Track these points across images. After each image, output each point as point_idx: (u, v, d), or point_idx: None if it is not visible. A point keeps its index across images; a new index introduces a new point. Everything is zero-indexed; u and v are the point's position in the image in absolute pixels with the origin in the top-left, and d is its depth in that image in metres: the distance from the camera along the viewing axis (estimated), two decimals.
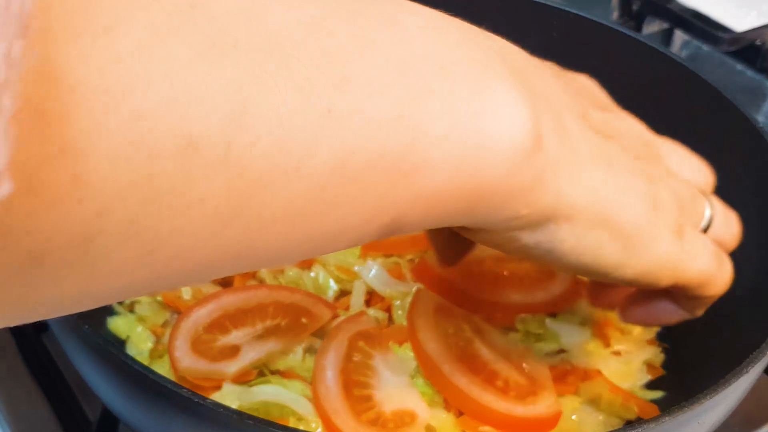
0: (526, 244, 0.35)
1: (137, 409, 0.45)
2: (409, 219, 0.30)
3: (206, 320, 0.54)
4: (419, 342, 0.53)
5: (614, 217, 0.36)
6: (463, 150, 0.29)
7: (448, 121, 0.28)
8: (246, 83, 0.23)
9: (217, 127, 0.22)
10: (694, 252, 0.40)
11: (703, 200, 0.43)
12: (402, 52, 0.28)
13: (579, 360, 0.57)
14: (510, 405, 0.50)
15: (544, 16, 0.71)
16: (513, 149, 0.31)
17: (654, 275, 0.39)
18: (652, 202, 0.38)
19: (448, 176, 0.29)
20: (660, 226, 0.38)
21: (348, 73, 0.26)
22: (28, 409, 0.57)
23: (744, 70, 0.92)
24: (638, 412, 0.54)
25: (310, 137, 0.24)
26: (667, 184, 0.40)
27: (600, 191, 0.35)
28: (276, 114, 0.23)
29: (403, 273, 0.60)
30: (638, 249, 0.38)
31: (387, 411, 0.50)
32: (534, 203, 0.33)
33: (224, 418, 0.40)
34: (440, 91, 0.28)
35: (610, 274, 0.38)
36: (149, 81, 0.21)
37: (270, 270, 0.59)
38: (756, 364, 0.45)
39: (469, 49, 0.31)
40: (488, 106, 0.30)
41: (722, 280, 0.43)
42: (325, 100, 0.25)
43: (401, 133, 0.27)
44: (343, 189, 0.26)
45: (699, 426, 0.46)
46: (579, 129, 0.35)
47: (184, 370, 0.51)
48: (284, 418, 0.50)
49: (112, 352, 0.42)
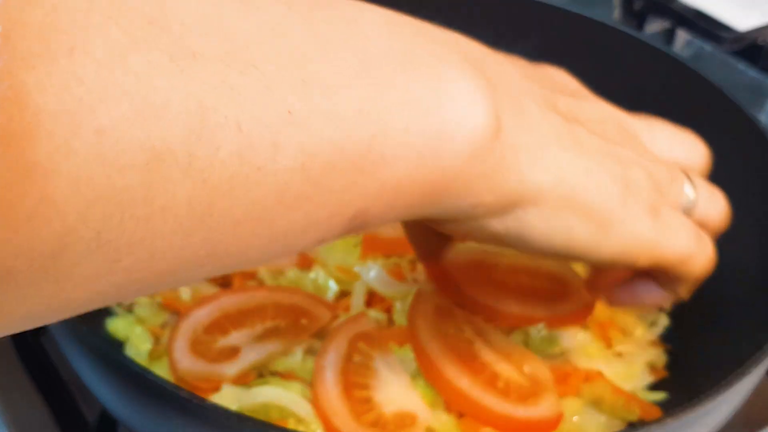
0: (496, 232, 0.36)
1: (136, 411, 0.45)
2: (374, 212, 0.30)
3: (205, 321, 0.54)
4: (420, 343, 0.53)
5: (582, 199, 0.36)
6: (424, 141, 0.30)
7: (408, 113, 0.29)
8: (205, 94, 0.23)
9: (179, 139, 0.23)
10: (671, 232, 0.40)
11: (683, 180, 0.43)
12: (359, 50, 0.28)
13: (581, 361, 0.57)
14: (511, 406, 0.50)
15: (545, 16, 0.71)
16: (472, 137, 0.31)
17: (631, 255, 0.39)
18: (623, 183, 0.38)
19: (410, 168, 0.30)
20: (633, 206, 0.38)
21: (306, 76, 0.26)
22: (27, 410, 0.57)
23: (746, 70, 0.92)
24: (640, 414, 0.53)
25: (271, 141, 0.25)
26: (641, 164, 0.40)
27: (565, 173, 0.36)
28: (236, 122, 0.24)
29: (403, 274, 0.60)
30: (611, 229, 0.38)
31: (387, 412, 0.50)
32: (497, 189, 0.33)
33: (223, 420, 0.40)
34: (398, 84, 0.29)
35: (587, 256, 0.38)
36: (110, 99, 0.21)
37: (270, 271, 0.59)
38: (759, 366, 0.45)
39: (425, 43, 0.31)
40: (446, 96, 0.30)
41: (702, 260, 0.43)
42: (284, 104, 0.25)
43: (362, 128, 0.28)
44: (306, 188, 0.27)
45: (702, 428, 0.45)
46: (540, 113, 0.36)
47: (183, 371, 0.51)
48: (284, 419, 0.50)
49: (110, 353, 0.42)
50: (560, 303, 0.58)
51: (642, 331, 0.61)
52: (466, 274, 0.58)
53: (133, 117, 0.22)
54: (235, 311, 0.55)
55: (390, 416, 0.50)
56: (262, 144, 0.25)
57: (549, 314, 0.58)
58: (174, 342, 0.53)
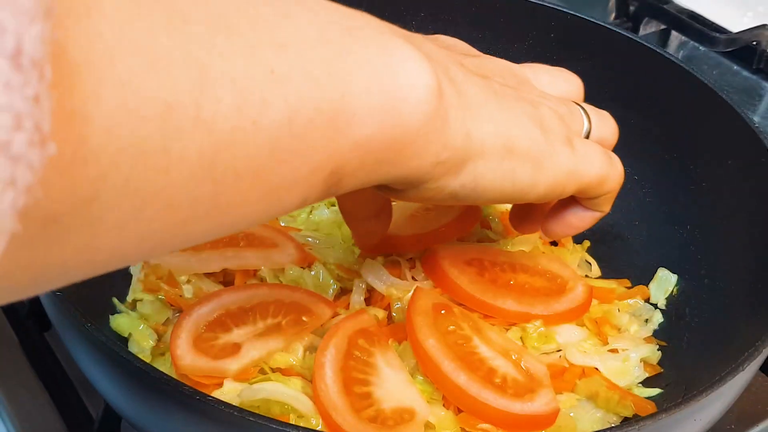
0: (453, 190, 0.40)
1: (139, 406, 0.45)
2: (347, 170, 0.34)
3: (208, 318, 0.55)
4: (418, 340, 0.53)
5: (517, 144, 0.41)
6: (384, 101, 0.34)
7: (367, 76, 0.33)
8: (201, 52, 0.26)
9: (186, 92, 0.26)
10: (587, 157, 0.45)
11: (578, 110, 0.48)
12: (315, 21, 0.32)
13: (576, 358, 0.58)
14: (508, 402, 0.51)
15: (543, 17, 0.72)
16: (423, 96, 0.35)
17: (561, 185, 0.44)
18: (540, 123, 0.43)
19: (375, 126, 0.33)
20: (553, 141, 0.43)
21: (282, 39, 0.30)
22: (32, 406, 0.57)
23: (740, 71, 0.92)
24: (635, 409, 0.54)
25: (261, 97, 0.28)
26: (544, 104, 0.45)
27: (499, 125, 0.40)
28: (230, 78, 0.27)
29: (402, 272, 0.60)
30: (543, 166, 0.43)
31: (386, 408, 0.50)
32: (450, 146, 0.38)
33: (225, 415, 0.40)
34: (355, 50, 0.33)
35: (527, 195, 0.43)
36: (126, 54, 0.24)
37: (271, 269, 0.60)
38: (752, 362, 0.45)
39: (363, 18, 0.35)
40: (395, 61, 0.35)
41: (616, 174, 0.47)
42: (267, 63, 0.29)
43: (333, 88, 0.31)
44: (292, 143, 0.30)
45: (695, 423, 0.46)
46: (465, 77, 0.40)
47: (185, 367, 0.52)
48: (285, 415, 0.50)
49: (114, 349, 0.42)
50: (557, 300, 0.59)
51: (636, 328, 0.62)
52: (465, 272, 0.59)
53: (147, 72, 0.24)
54: (237, 308, 0.56)
55: (389, 412, 0.50)
56: (253, 99, 0.28)
57: (545, 311, 0.58)
58: (176, 339, 0.53)
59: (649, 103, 0.67)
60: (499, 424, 0.51)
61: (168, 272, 0.58)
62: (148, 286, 0.58)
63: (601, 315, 0.61)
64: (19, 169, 0.20)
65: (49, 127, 0.21)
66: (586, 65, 0.70)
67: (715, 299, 0.60)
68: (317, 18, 0.32)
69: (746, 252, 0.59)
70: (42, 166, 0.21)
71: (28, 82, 0.20)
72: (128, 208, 0.25)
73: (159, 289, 0.58)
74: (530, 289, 0.59)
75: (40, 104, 0.20)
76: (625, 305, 0.63)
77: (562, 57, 0.70)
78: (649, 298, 0.64)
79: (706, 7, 0.96)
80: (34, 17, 0.20)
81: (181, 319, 0.55)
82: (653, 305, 0.64)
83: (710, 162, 0.62)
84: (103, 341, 0.43)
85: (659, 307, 0.64)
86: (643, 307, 0.63)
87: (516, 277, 0.60)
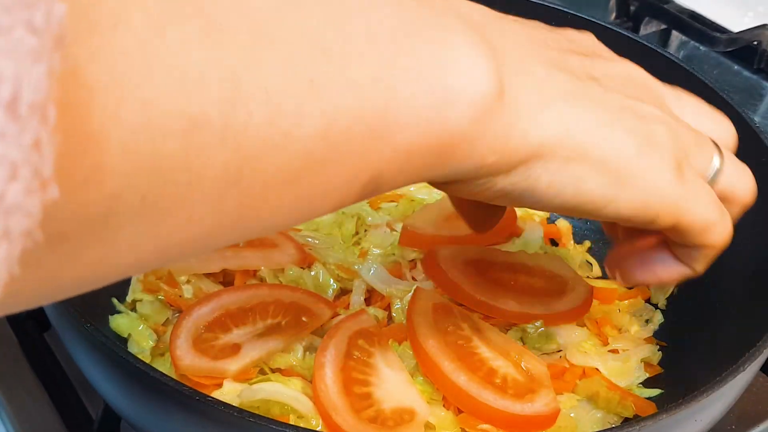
0: (502, 188, 0.36)
1: (139, 407, 0.45)
2: (386, 176, 0.32)
3: (207, 319, 0.55)
4: (418, 340, 0.53)
5: (592, 151, 0.37)
6: (430, 106, 0.31)
7: (415, 80, 0.31)
8: (235, 65, 0.25)
9: (215, 107, 0.24)
10: (696, 194, 0.40)
11: (712, 147, 0.42)
12: (366, 20, 0.30)
13: (577, 358, 0.58)
14: (508, 403, 0.51)
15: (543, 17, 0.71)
16: (474, 101, 0.33)
17: (653, 210, 0.39)
18: (644, 137, 0.38)
19: (419, 132, 0.31)
20: (655, 159, 0.38)
21: (325, 45, 0.28)
22: (31, 406, 0.57)
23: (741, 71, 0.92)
24: (636, 410, 0.54)
25: (296, 108, 0.27)
26: (665, 122, 0.40)
27: (571, 126, 0.36)
28: (264, 90, 0.26)
29: (403, 272, 0.60)
30: (630, 182, 0.38)
31: (386, 409, 0.50)
32: (500, 149, 0.34)
33: (225, 416, 0.40)
34: (405, 53, 0.30)
35: (602, 210, 0.38)
36: (152, 71, 0.23)
37: (270, 269, 0.60)
38: (752, 362, 0.45)
39: (427, 11, 0.33)
40: (449, 62, 0.32)
41: (724, 231, 0.42)
42: (306, 72, 0.27)
43: (376, 96, 0.29)
44: (327, 153, 0.28)
45: (696, 423, 0.46)
46: (546, 72, 0.37)
47: (185, 368, 0.52)
48: (284, 415, 0.50)
49: (114, 350, 0.42)
50: (557, 301, 0.59)
51: (637, 328, 0.62)
52: (465, 273, 0.59)
53: (174, 88, 0.23)
54: (237, 309, 0.56)
55: (389, 412, 0.50)
56: (288, 111, 0.26)
57: (546, 312, 0.58)
58: (176, 339, 0.53)
59: None
60: (499, 425, 0.51)
61: (167, 272, 0.58)
62: (147, 286, 0.58)
63: (601, 315, 0.61)
64: (14, 219, 0.19)
65: (51, 170, 0.20)
66: None
67: (715, 299, 0.60)
68: (373, 17, 0.30)
69: (746, 252, 0.59)
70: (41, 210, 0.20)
71: (25, 130, 0.19)
72: (145, 223, 0.25)
73: (158, 290, 0.58)
74: (530, 290, 0.59)
75: (40, 149, 0.20)
76: (626, 305, 0.63)
77: None
78: (649, 299, 0.64)
79: (707, 6, 0.96)
80: (38, 57, 0.19)
81: (180, 319, 0.55)
82: (654, 305, 0.64)
83: None
84: (103, 341, 0.43)
85: (659, 308, 0.63)
86: (644, 307, 0.63)
87: (516, 277, 0.60)
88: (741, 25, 0.94)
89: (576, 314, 0.59)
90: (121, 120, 0.22)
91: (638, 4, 0.97)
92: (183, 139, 0.24)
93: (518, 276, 0.60)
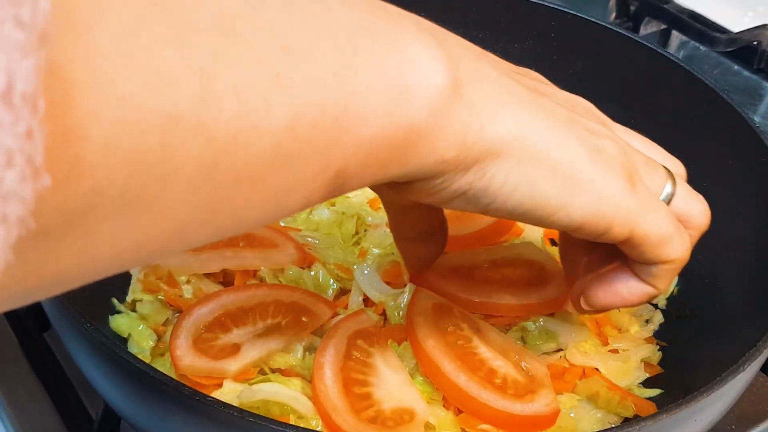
0: (459, 187, 0.37)
1: (139, 407, 0.45)
2: (352, 170, 0.33)
3: (207, 319, 0.55)
4: (418, 340, 0.53)
5: (547, 153, 0.38)
6: (389, 100, 0.33)
7: (373, 75, 0.32)
8: (205, 62, 0.26)
9: (188, 103, 0.25)
10: (649, 206, 0.41)
11: (663, 171, 0.43)
12: (328, 21, 0.31)
13: (577, 358, 0.58)
14: (508, 403, 0.51)
15: (543, 17, 0.72)
16: (430, 95, 0.34)
17: (606, 219, 0.39)
18: (593, 148, 0.39)
19: (380, 125, 0.33)
20: (605, 168, 0.39)
21: (288, 42, 0.29)
22: (31, 406, 0.57)
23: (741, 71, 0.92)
24: (636, 410, 0.54)
25: (264, 102, 0.28)
26: (614, 140, 0.41)
27: (526, 127, 0.37)
28: (233, 86, 0.27)
29: (401, 272, 0.60)
30: (582, 187, 0.38)
31: (386, 409, 0.50)
32: (459, 143, 0.36)
33: (225, 416, 0.40)
34: (363, 50, 0.32)
35: (555, 215, 0.39)
36: (128, 69, 0.24)
37: (270, 269, 0.60)
38: (752, 363, 0.45)
39: (385, 16, 0.34)
40: (405, 58, 0.34)
41: (680, 245, 0.42)
42: (272, 68, 0.28)
43: (338, 90, 0.31)
44: (295, 146, 0.30)
45: (696, 423, 0.46)
46: (498, 76, 0.38)
47: (185, 368, 0.52)
48: (284, 415, 0.50)
49: (114, 350, 0.42)
50: (546, 288, 0.59)
51: (637, 328, 0.62)
52: (454, 280, 0.58)
53: (149, 85, 0.24)
54: (236, 309, 0.56)
55: (389, 412, 0.50)
56: (256, 105, 0.28)
57: (541, 299, 0.58)
58: (176, 339, 0.53)
59: (649, 103, 0.67)
60: (499, 425, 0.51)
61: (167, 272, 0.58)
62: (147, 286, 0.58)
63: (601, 315, 0.61)
64: (11, 205, 0.20)
65: (42, 159, 0.21)
66: (586, 64, 0.70)
67: (715, 299, 0.60)
68: (331, 17, 0.32)
69: (746, 252, 0.59)
70: (34, 198, 0.21)
71: (19, 119, 0.20)
72: (123, 217, 0.25)
73: (158, 290, 0.58)
74: (519, 280, 0.59)
75: (32, 138, 0.20)
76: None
77: (562, 57, 0.70)
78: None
79: (707, 6, 0.96)
80: (27, 51, 0.20)
81: (180, 319, 0.55)
82: (654, 305, 0.64)
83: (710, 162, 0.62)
84: (103, 341, 0.43)
85: (660, 308, 0.63)
86: (644, 307, 0.63)
87: (502, 271, 0.60)
88: (741, 25, 0.94)
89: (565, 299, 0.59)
90: (101, 116, 0.23)
91: (638, 4, 0.97)
92: (160, 135, 0.25)
93: (503, 270, 0.60)
